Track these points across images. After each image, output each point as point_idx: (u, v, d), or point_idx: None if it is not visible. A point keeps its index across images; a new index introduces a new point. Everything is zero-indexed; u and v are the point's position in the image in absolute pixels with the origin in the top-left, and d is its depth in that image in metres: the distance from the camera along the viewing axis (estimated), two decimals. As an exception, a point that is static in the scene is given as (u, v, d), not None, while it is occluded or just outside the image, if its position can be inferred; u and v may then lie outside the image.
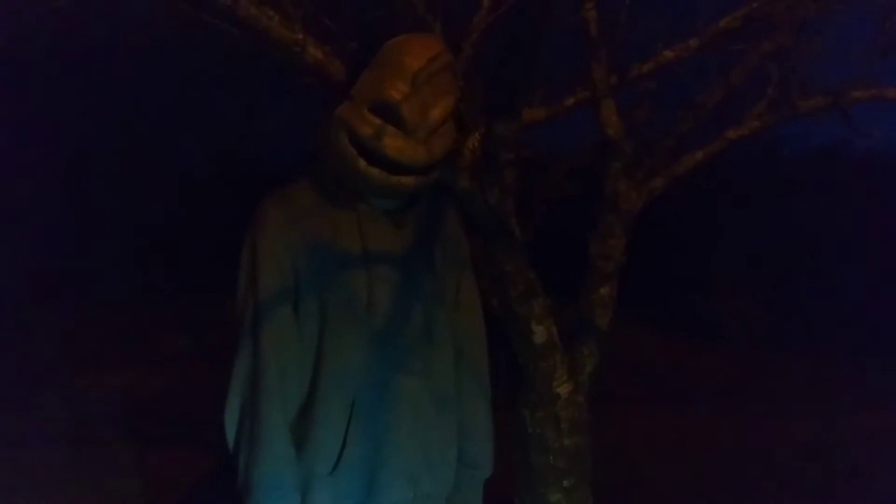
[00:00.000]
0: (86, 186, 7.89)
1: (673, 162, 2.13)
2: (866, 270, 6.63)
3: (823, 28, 2.23)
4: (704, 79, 2.15)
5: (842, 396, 5.07)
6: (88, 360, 5.55)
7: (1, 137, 6.39)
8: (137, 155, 8.04)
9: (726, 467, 3.91)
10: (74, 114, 7.43)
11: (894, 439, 4.25)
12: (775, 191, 7.32)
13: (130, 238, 7.84)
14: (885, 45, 2.20)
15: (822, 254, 6.92)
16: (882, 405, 4.81)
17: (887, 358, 5.48)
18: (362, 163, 1.34)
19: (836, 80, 2.23)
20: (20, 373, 5.01)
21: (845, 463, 3.92)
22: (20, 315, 5.96)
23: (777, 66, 2.20)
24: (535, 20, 1.39)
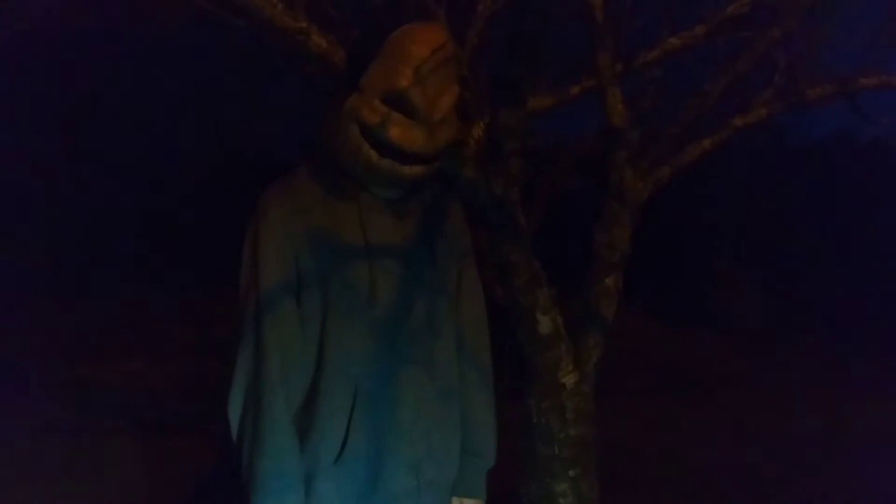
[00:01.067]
0: (90, 179, 7.89)
1: (679, 150, 2.11)
2: (870, 261, 6.61)
3: (830, 15, 2.21)
4: (711, 66, 2.13)
5: (844, 389, 5.07)
6: (92, 351, 5.56)
7: (3, 133, 6.39)
8: (141, 149, 8.04)
9: (728, 459, 3.91)
10: (77, 108, 7.44)
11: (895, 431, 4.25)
12: (780, 181, 7.30)
13: (135, 230, 7.86)
14: (892, 32, 2.18)
15: (826, 244, 6.91)
16: (883, 397, 4.81)
17: (890, 350, 5.47)
18: (374, 154, 1.34)
19: (843, 67, 2.22)
20: (23, 364, 5.02)
21: (846, 455, 3.92)
22: (23, 306, 5.97)
23: (784, 54, 2.18)
24: (539, 8, 1.38)
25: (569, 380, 1.84)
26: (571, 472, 1.88)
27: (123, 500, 3.34)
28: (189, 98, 7.74)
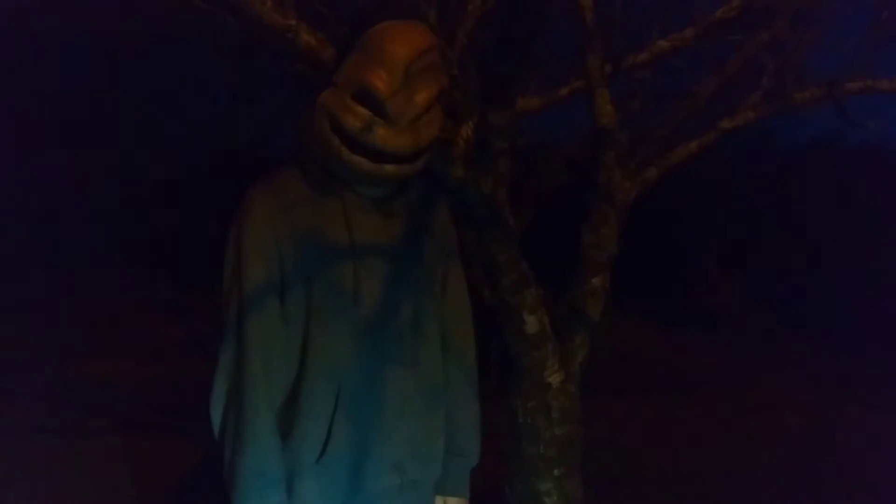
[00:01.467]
0: (82, 178, 7.85)
1: (667, 152, 2.12)
2: (858, 263, 6.66)
3: (819, 19, 2.23)
4: (699, 69, 2.15)
5: (836, 389, 5.09)
6: (81, 348, 5.53)
7: (1, 133, 6.36)
8: (138, 148, 8.01)
9: (718, 459, 3.93)
10: (70, 108, 7.40)
11: (888, 431, 4.27)
12: (770, 183, 7.35)
13: (125, 229, 7.82)
14: (879, 36, 2.20)
15: (815, 246, 6.95)
16: (876, 397, 4.84)
17: (880, 349, 5.51)
18: (345, 151, 1.32)
19: (831, 71, 2.23)
20: (10, 361, 4.99)
21: (837, 456, 3.94)
22: (12, 303, 5.94)
23: (772, 57, 2.20)
24: (530, 8, 1.38)
25: (554, 379, 1.85)
26: (556, 472, 1.89)
27: (110, 499, 3.33)
28: (183, 97, 7.71)
